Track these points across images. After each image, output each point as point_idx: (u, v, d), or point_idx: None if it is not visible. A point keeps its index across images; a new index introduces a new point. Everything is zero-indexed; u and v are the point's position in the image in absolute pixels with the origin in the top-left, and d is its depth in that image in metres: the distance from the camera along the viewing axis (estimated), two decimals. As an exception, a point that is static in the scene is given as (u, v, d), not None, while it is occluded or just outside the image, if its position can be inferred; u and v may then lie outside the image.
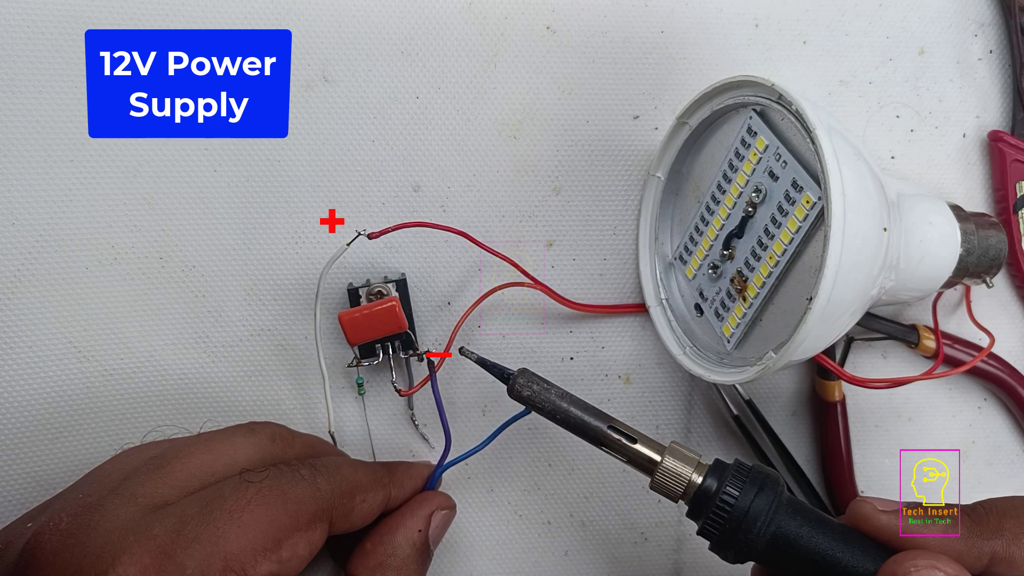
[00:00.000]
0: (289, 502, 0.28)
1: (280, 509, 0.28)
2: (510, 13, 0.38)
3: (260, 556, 0.27)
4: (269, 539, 0.27)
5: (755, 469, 0.29)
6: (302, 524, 0.28)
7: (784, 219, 0.31)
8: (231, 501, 0.27)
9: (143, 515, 0.27)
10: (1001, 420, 0.43)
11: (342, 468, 0.31)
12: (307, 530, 0.29)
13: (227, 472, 0.29)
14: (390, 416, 0.38)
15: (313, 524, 0.29)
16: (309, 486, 0.29)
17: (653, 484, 0.30)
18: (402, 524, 0.33)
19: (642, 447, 0.30)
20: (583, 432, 0.30)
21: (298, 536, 0.28)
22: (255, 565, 0.26)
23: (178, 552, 0.26)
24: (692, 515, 0.30)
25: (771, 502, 0.28)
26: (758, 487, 0.29)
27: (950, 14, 0.42)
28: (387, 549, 0.32)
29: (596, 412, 0.30)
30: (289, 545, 0.28)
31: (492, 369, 0.31)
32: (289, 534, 0.28)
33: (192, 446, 0.30)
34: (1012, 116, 0.42)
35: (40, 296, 0.35)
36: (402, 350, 0.36)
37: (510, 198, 0.39)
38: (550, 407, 0.30)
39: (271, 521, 0.27)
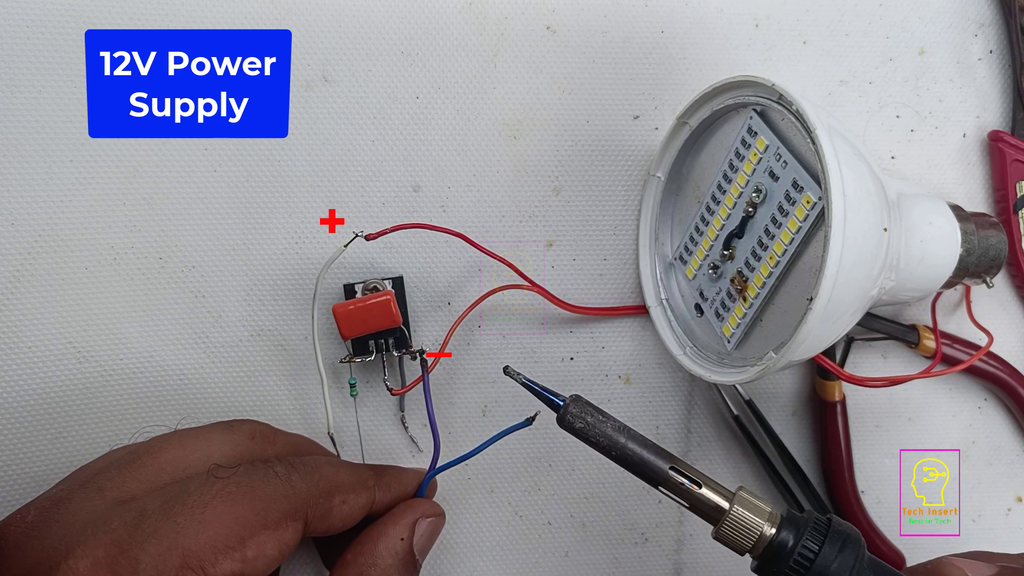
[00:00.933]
0: (258, 499, 0.27)
1: (247, 506, 0.27)
2: (510, 13, 0.38)
3: (221, 554, 0.26)
4: (233, 537, 0.26)
5: (835, 524, 0.27)
6: (271, 523, 0.27)
7: (784, 219, 0.31)
8: (195, 496, 0.26)
9: (106, 509, 0.26)
10: (1001, 420, 0.43)
11: (322, 467, 0.30)
12: (276, 529, 0.27)
13: (199, 468, 0.28)
14: (383, 418, 0.38)
15: (284, 523, 0.27)
16: (283, 483, 0.28)
17: (718, 534, 0.27)
18: (384, 533, 0.31)
19: (708, 492, 0.27)
20: (641, 472, 0.27)
21: (266, 535, 0.27)
22: (216, 563, 0.25)
23: (133, 546, 0.25)
24: (760, 571, 0.27)
25: (854, 561, 0.26)
26: (840, 544, 0.26)
27: (950, 14, 0.42)
28: (367, 559, 0.30)
29: (657, 449, 0.28)
30: (255, 544, 0.26)
31: (540, 394, 0.28)
32: (255, 532, 0.26)
33: (165, 441, 0.29)
34: (1012, 116, 0.42)
35: (39, 296, 0.35)
36: (395, 348, 0.36)
37: (510, 198, 0.39)
38: (605, 442, 0.27)
39: (236, 518, 0.26)
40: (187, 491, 0.26)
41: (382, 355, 0.36)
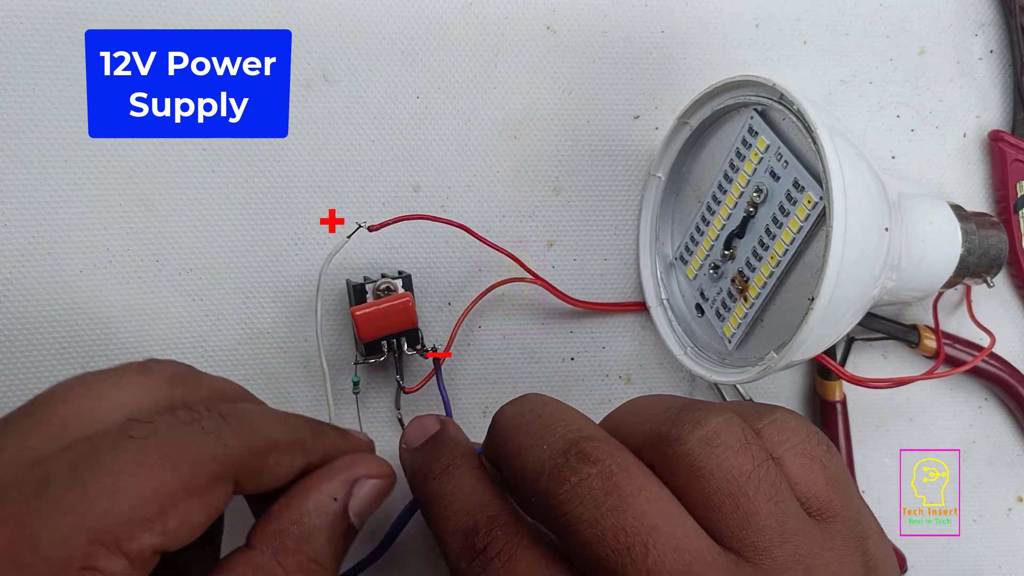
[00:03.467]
0: (181, 461, 0.23)
1: (169, 471, 0.23)
2: (510, 13, 0.38)
3: (139, 528, 0.22)
4: (152, 507, 0.22)
5: None
6: (197, 487, 0.23)
7: (785, 219, 0.31)
8: (107, 459, 0.22)
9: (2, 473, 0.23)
10: (1001, 420, 0.43)
11: (257, 419, 0.26)
12: (203, 494, 0.24)
13: (111, 421, 0.24)
14: (383, 416, 0.38)
15: (212, 486, 0.24)
16: (211, 441, 0.24)
17: None
18: (316, 488, 0.27)
19: None
20: None
21: (191, 501, 0.23)
22: (133, 538, 0.22)
23: (31, 523, 0.21)
24: None
25: None
26: None
27: (950, 14, 0.42)
28: (293, 515, 0.26)
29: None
30: (178, 513, 0.23)
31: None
32: (179, 500, 0.23)
33: (69, 390, 0.25)
34: (1012, 116, 0.42)
35: (33, 299, 0.35)
36: (409, 347, 0.36)
37: (510, 198, 0.39)
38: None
39: (156, 486, 0.22)
40: (97, 453, 0.23)
41: (393, 354, 0.36)
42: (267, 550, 0.26)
